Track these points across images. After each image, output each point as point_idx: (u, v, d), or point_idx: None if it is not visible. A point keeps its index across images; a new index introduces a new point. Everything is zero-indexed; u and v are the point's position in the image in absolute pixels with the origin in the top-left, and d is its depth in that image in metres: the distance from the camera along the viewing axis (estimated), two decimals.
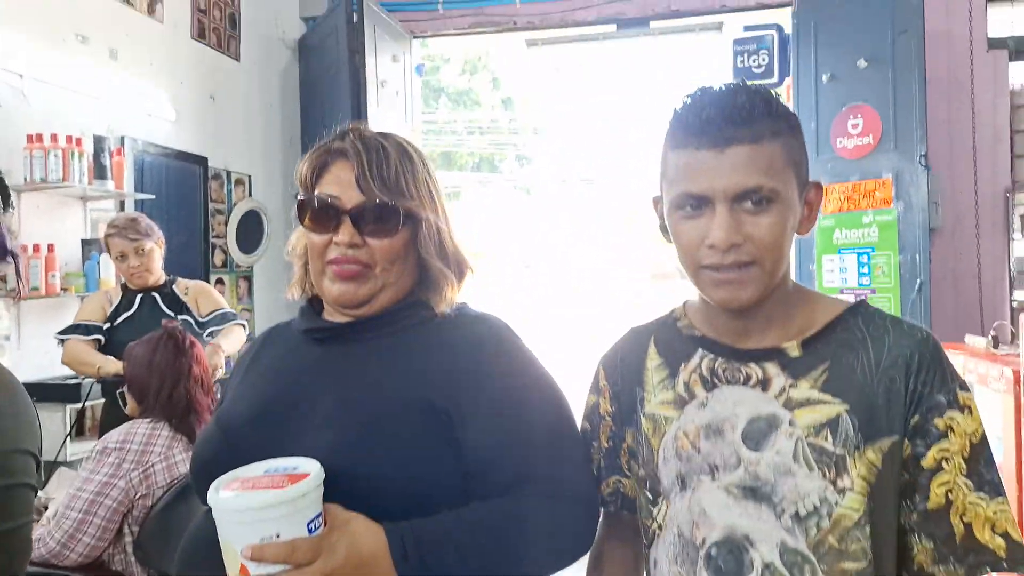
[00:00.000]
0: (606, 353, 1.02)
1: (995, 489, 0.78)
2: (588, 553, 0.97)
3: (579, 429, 0.99)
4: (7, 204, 1.20)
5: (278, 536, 0.73)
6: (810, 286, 3.83)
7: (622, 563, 1.00)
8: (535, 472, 0.87)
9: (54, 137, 2.83)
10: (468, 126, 17.78)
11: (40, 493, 2.23)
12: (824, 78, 3.72)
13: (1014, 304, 3.66)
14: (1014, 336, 2.80)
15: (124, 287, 2.74)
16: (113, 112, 3.34)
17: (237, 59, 4.28)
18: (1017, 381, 2.32)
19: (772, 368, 0.84)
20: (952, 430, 0.78)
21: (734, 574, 0.80)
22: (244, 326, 2.84)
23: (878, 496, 0.78)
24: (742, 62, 4.38)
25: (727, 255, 0.80)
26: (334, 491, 0.82)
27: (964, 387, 0.81)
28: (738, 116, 0.79)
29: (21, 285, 2.71)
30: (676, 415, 0.88)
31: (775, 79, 4.32)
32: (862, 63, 3.59)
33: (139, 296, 2.70)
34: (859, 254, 3.62)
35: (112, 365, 2.47)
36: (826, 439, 0.79)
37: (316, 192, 0.96)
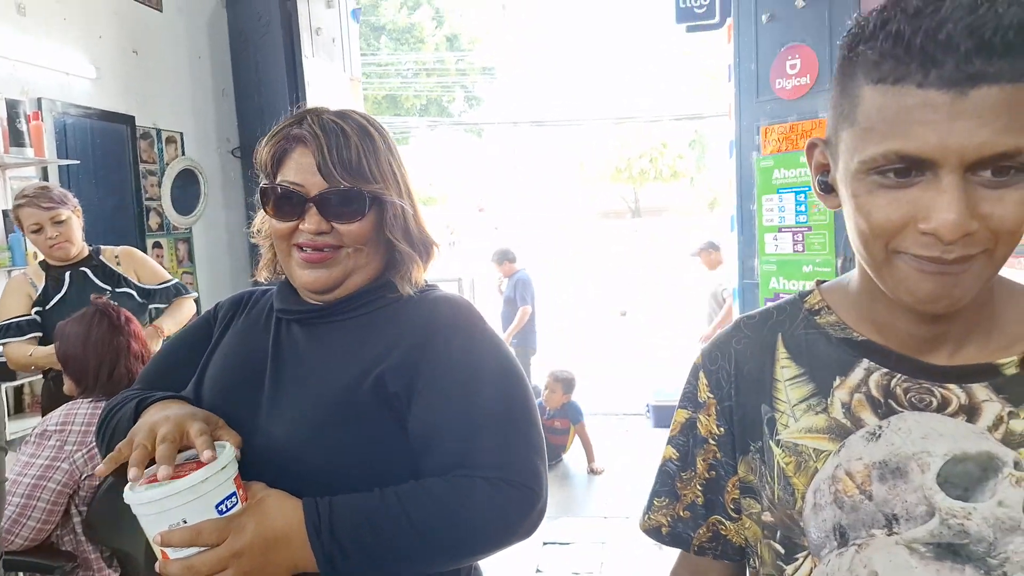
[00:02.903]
0: (707, 351, 0.78)
1: None
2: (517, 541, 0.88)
3: (536, 415, 0.94)
4: None
5: (184, 522, 0.77)
6: (750, 226, 3.96)
7: None
8: (476, 455, 0.87)
9: None
10: (413, 67, 17.27)
11: None
12: (764, 18, 3.72)
13: None
14: None
15: (46, 265, 2.53)
16: (26, 73, 3.14)
17: (159, 9, 4.04)
18: None
19: (982, 391, 0.63)
20: None
21: None
22: (195, 299, 2.72)
23: None
24: (684, 2, 4.33)
25: (952, 249, 0.56)
26: (288, 475, 0.85)
27: None
28: (998, 41, 0.52)
29: None
30: (833, 448, 0.67)
31: (716, 19, 4.29)
32: (799, 3, 3.59)
33: (67, 273, 2.50)
34: (796, 193, 3.71)
35: (42, 353, 2.37)
36: None
37: (278, 179, 0.95)
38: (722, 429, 0.75)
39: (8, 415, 2.78)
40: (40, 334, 2.47)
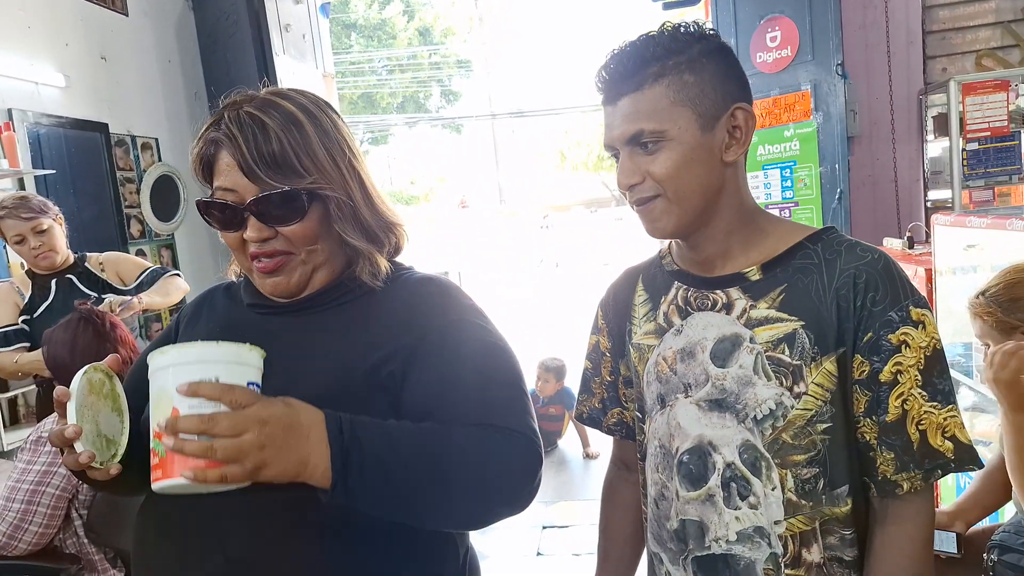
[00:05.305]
0: (603, 296, 1.11)
1: (946, 398, 0.84)
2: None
3: (525, 383, 0.96)
4: None
5: (217, 379, 0.73)
6: None
7: (631, 489, 1.09)
8: (485, 408, 0.86)
9: None
10: (387, 64, 17.15)
11: None
12: None
13: (928, 204, 3.81)
14: (928, 236, 2.92)
15: (32, 274, 2.53)
16: None
17: (125, 13, 3.96)
18: (929, 279, 2.43)
19: (734, 292, 0.91)
20: (907, 344, 0.84)
21: (700, 476, 0.91)
22: (179, 275, 2.68)
23: (836, 402, 0.86)
24: None
25: (632, 194, 0.91)
26: None
27: (919, 303, 0.85)
28: (623, 69, 0.88)
29: None
30: (657, 343, 0.98)
31: None
32: None
33: (53, 281, 2.50)
34: (782, 168, 3.69)
35: (27, 359, 2.34)
36: (783, 352, 0.87)
37: (214, 186, 0.93)
38: (610, 344, 1.08)
39: (4, 426, 2.73)
40: (28, 344, 2.46)
